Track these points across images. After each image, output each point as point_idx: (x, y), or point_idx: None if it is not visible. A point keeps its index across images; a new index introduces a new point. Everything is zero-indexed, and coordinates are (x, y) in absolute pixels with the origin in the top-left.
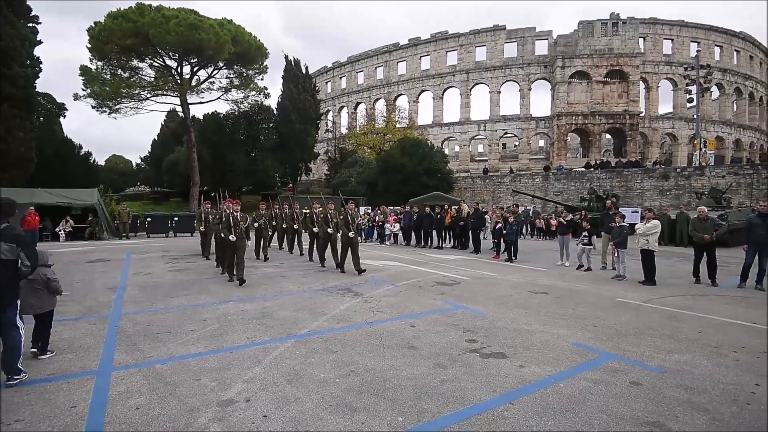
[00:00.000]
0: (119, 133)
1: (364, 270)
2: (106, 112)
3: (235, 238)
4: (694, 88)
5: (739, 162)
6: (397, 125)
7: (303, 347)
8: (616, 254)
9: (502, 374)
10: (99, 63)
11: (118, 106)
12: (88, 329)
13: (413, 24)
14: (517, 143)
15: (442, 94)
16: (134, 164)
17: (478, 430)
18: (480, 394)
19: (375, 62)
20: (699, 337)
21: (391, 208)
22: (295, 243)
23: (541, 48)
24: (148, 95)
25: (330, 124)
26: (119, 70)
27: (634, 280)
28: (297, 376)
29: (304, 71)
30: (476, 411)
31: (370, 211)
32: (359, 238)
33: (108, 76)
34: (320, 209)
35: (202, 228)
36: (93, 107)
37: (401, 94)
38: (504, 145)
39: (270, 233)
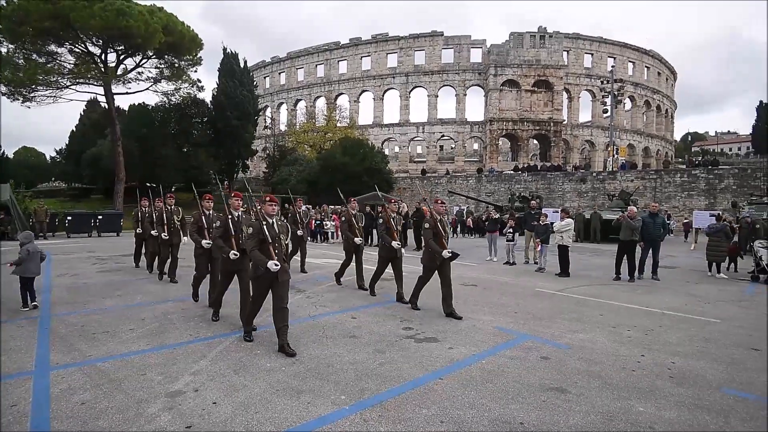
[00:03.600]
0: (28, 123)
1: (461, 317)
2: (19, 100)
3: (278, 267)
4: (609, 100)
5: (648, 167)
6: (338, 124)
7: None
8: (539, 248)
9: (434, 355)
10: (11, 46)
11: (33, 94)
12: (16, 332)
13: (338, 19)
14: (453, 146)
15: (383, 96)
16: (48, 157)
17: (411, 401)
18: (414, 373)
19: (315, 59)
20: (601, 319)
21: (332, 207)
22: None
23: (476, 56)
24: (68, 83)
25: (268, 120)
26: (34, 55)
27: (551, 272)
28: (243, 366)
29: (242, 65)
30: (411, 387)
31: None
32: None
33: (21, 61)
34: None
35: (164, 234)
36: (3, 94)
37: (342, 94)
38: (441, 147)
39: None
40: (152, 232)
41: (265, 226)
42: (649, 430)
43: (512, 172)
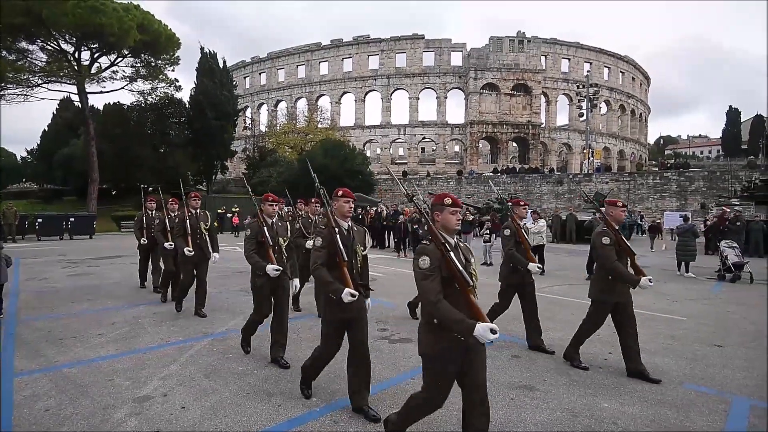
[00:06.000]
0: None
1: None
2: None
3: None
4: (585, 104)
5: (622, 170)
6: (319, 126)
7: (220, 345)
8: None
9: (407, 356)
10: None
11: (2, 92)
12: None
13: (313, 20)
14: (434, 148)
15: (364, 97)
16: (19, 158)
17: (382, 401)
18: (387, 374)
19: (296, 60)
20: (571, 318)
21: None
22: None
23: (456, 59)
24: (40, 81)
25: (248, 121)
26: (4, 52)
27: None
28: (214, 370)
29: (221, 65)
30: (382, 387)
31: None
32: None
33: None
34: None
35: (188, 249)
36: None
37: (323, 95)
38: (422, 149)
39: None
40: (166, 245)
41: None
42: (612, 426)
43: (492, 174)
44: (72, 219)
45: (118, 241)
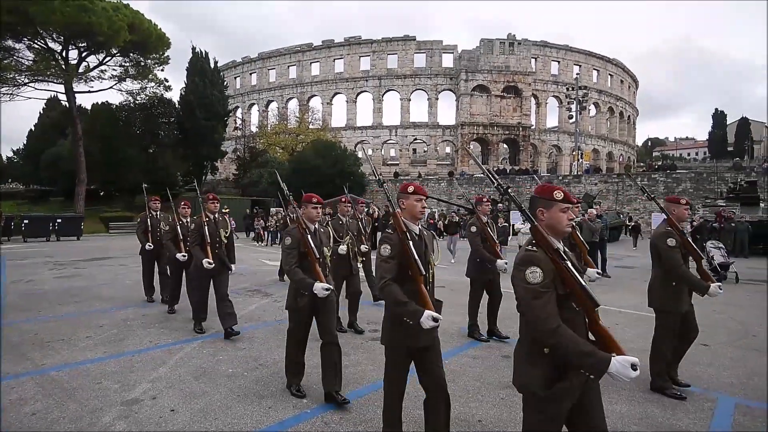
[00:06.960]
0: None
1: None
2: None
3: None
4: (574, 106)
5: (611, 171)
6: (310, 126)
7: (210, 347)
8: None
9: None
10: None
11: None
12: None
13: (301, 19)
14: (425, 149)
15: (356, 98)
16: (5, 158)
17: (373, 402)
18: (378, 375)
19: (287, 61)
20: None
21: None
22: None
23: (447, 61)
24: (26, 80)
25: (239, 121)
26: None
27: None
28: (204, 372)
29: (212, 65)
30: (373, 388)
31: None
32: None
33: None
34: None
35: (208, 261)
36: None
37: (314, 95)
38: (414, 150)
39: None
40: (178, 256)
41: None
42: None
43: (482, 175)
44: (59, 220)
45: (107, 243)
